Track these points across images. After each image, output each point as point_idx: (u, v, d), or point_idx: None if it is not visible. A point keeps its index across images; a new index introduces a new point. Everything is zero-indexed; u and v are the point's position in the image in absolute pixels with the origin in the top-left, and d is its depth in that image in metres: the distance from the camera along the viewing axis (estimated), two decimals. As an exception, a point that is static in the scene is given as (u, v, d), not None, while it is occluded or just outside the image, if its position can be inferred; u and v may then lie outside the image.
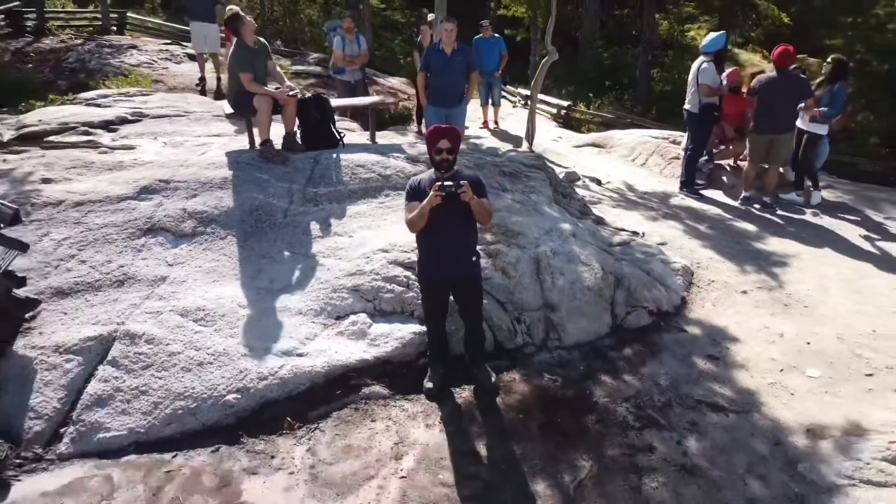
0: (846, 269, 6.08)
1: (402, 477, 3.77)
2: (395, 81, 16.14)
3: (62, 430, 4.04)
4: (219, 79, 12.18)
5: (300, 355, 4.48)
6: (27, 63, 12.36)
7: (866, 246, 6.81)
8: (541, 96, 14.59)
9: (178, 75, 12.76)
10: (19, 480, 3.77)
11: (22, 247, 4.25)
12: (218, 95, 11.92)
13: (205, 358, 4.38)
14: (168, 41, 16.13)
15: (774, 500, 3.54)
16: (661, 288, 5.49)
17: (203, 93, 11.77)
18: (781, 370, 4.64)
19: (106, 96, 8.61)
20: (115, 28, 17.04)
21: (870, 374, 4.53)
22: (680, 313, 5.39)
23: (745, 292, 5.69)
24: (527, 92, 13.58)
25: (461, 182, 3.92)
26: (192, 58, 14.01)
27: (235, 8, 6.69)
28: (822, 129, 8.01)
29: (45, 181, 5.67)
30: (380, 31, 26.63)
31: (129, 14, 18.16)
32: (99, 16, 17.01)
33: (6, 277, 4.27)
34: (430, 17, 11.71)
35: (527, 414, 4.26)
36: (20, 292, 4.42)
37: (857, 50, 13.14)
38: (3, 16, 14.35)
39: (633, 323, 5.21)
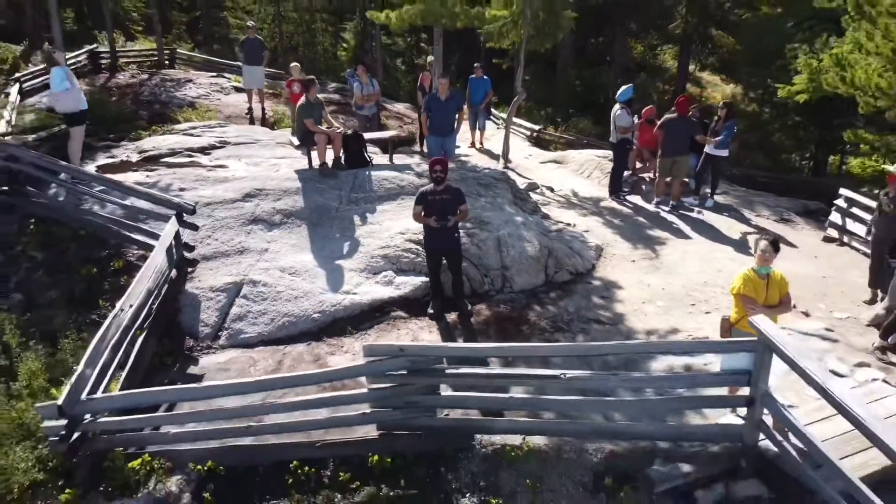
0: (704, 247, 8.83)
1: (416, 354, 6.49)
2: (401, 107, 18.88)
3: (220, 332, 6.75)
4: (263, 109, 14.91)
5: (354, 294, 7.19)
6: (111, 96, 15.04)
7: (727, 233, 9.55)
8: (518, 120, 17.35)
9: (230, 105, 15.49)
10: (201, 358, 6.48)
11: (194, 227, 6.98)
12: (263, 123, 14.65)
13: (298, 294, 7.10)
14: (213, 74, 18.84)
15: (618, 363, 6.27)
16: (579, 258, 8.23)
17: (252, 121, 14.48)
18: (643, 303, 7.37)
19: (195, 128, 11.35)
20: (167, 62, 19.75)
21: (693, 304, 7.26)
22: (590, 273, 8.12)
23: (633, 261, 8.44)
24: (515, 120, 16.23)
25: (450, 218, 6.62)
26: (237, 90, 16.75)
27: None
28: (724, 153, 10.79)
29: (182, 189, 8.39)
30: (386, 59, 29.27)
31: (178, 50, 20.91)
32: (155, 52, 19.76)
33: (184, 247, 7.01)
34: (430, 59, 14.44)
35: (488, 325, 6.99)
36: (189, 255, 7.16)
37: (769, 83, 15.84)
38: (86, 56, 17.06)
39: (559, 279, 7.93)
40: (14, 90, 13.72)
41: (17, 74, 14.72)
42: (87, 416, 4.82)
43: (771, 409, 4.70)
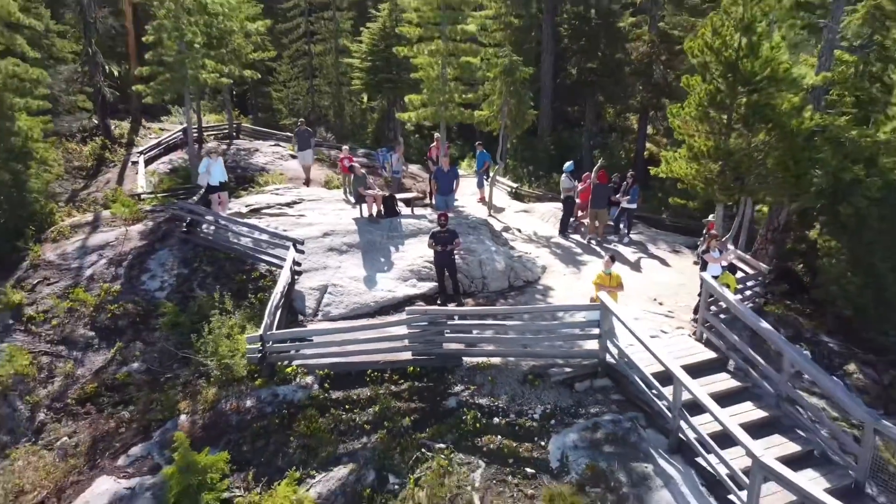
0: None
1: (431, 324, 10.84)
2: (414, 168, 23.55)
3: (317, 312, 11.09)
4: (308, 177, 19.33)
5: (393, 292, 11.53)
6: (205, 163, 19.65)
7: (629, 257, 13.94)
8: (502, 179, 21.93)
9: (290, 170, 20.12)
10: (308, 325, 10.81)
11: (302, 252, 11.42)
12: (313, 185, 19.11)
13: (361, 291, 11.45)
14: (272, 143, 23.59)
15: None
16: (530, 272, 12.60)
17: (307, 183, 18.94)
18: (565, 298, 11.71)
19: (278, 189, 15.91)
20: (235, 133, 24.53)
21: (594, 298, 11.59)
22: (536, 282, 12.47)
23: (564, 275, 12.81)
24: (499, 178, 20.73)
25: (448, 246, 11.04)
26: (293, 157, 21.40)
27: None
28: (633, 206, 15.32)
29: (284, 230, 12.82)
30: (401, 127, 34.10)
31: (242, 124, 25.76)
32: (225, 125, 24.59)
33: (295, 263, 11.44)
34: (437, 136, 19.10)
35: (472, 309, 11.32)
36: (297, 269, 11.59)
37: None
38: (181, 132, 21.86)
39: (517, 284, 12.28)
40: (141, 160, 18.43)
41: (140, 148, 19.45)
42: (268, 343, 9.17)
43: (610, 339, 9.01)
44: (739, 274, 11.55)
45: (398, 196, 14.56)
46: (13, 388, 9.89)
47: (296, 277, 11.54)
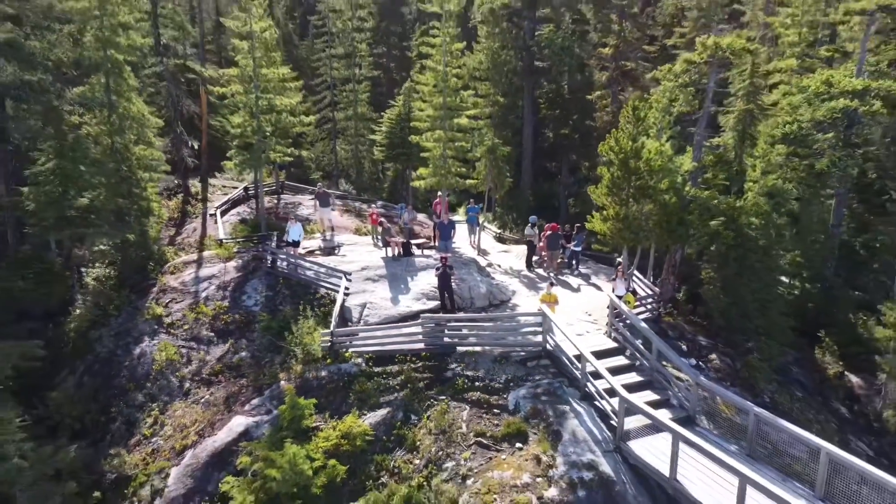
0: (559, 290, 17.93)
1: (436, 328, 15.60)
2: (421, 217, 28.54)
3: (360, 320, 15.84)
4: (325, 227, 24.26)
5: (410, 307, 16.26)
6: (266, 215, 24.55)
7: (576, 284, 18.72)
8: (489, 226, 26.90)
9: (328, 220, 25.05)
10: (350, 326, 15.56)
11: (349, 280, 16.23)
12: (344, 231, 24.08)
13: (388, 307, 16.20)
14: (310, 196, 28.56)
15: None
16: (504, 295, 17.36)
17: (332, 229, 23.84)
18: (527, 309, 16.45)
19: (324, 236, 20.81)
20: (280, 189, 29.51)
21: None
22: (508, 301, 17.19)
23: (528, 296, 17.56)
24: (487, 224, 25.71)
25: (448, 270, 15.91)
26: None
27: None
28: (579, 248, 20.21)
29: (334, 266, 17.67)
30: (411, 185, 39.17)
31: (285, 181, 30.84)
32: (273, 184, 29.63)
33: (346, 289, 16.24)
34: (440, 194, 24.12)
35: (463, 319, 16.07)
36: (346, 292, 16.39)
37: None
38: (242, 189, 26.91)
39: (495, 303, 17.00)
40: (218, 213, 23.39)
41: (216, 203, 24.40)
42: (335, 337, 13.90)
43: (549, 334, 13.73)
44: (641, 293, 16.35)
45: (413, 241, 19.47)
46: (167, 368, 14.58)
47: (345, 297, 16.30)
